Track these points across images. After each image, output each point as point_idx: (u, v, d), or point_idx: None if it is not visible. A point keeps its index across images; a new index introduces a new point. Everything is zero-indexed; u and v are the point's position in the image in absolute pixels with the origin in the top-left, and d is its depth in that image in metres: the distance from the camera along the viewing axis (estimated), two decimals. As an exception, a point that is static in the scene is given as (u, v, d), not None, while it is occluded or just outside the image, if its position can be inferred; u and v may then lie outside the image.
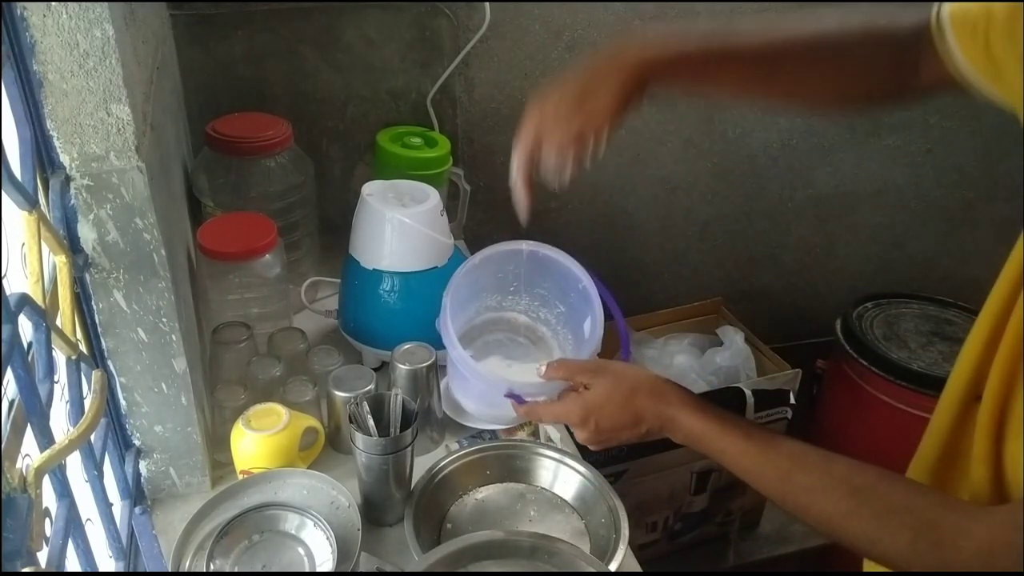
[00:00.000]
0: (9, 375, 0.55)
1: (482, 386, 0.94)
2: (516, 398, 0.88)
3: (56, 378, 0.65)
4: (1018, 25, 0.63)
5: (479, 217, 1.62)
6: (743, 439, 0.71)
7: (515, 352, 1.04)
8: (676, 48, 0.76)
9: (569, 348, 1.00)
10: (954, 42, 0.69)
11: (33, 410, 0.58)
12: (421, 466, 0.96)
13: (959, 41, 0.69)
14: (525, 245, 0.98)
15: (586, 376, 0.82)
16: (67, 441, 0.59)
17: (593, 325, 0.94)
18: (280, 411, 0.94)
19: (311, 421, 0.97)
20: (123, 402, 0.86)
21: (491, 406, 1.00)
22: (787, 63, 0.76)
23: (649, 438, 0.79)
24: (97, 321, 0.80)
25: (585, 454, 1.04)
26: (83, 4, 0.66)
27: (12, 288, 0.59)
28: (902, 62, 0.74)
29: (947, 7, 0.70)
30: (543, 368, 0.86)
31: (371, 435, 0.89)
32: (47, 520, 0.60)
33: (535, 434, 1.08)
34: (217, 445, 0.97)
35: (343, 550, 0.84)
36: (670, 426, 0.76)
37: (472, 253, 0.98)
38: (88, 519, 0.75)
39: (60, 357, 0.69)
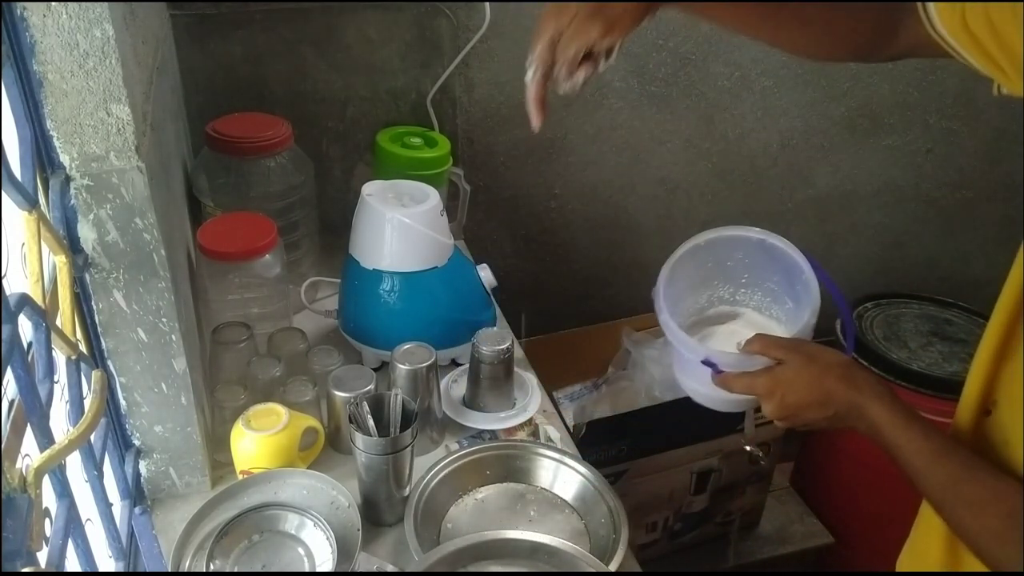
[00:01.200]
0: (9, 375, 0.55)
1: (689, 359, 0.91)
2: (712, 366, 0.87)
3: (56, 378, 0.65)
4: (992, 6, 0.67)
5: (479, 217, 1.62)
6: (922, 438, 0.71)
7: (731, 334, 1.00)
8: None
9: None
10: (934, 10, 0.73)
11: (33, 410, 0.58)
12: (421, 466, 0.96)
13: (938, 10, 0.73)
14: (755, 233, 0.95)
15: (781, 351, 0.82)
16: (67, 441, 0.59)
17: (810, 312, 0.90)
18: (280, 411, 0.94)
19: (311, 421, 0.97)
20: (123, 402, 0.86)
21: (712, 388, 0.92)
22: (789, 6, 0.81)
23: (836, 424, 0.78)
24: (97, 321, 0.80)
25: (585, 454, 1.04)
26: (83, 4, 0.66)
27: (12, 288, 0.59)
28: (884, 21, 0.79)
29: None
30: (743, 342, 0.87)
31: (371, 435, 0.89)
32: (47, 520, 0.60)
33: (535, 434, 1.08)
34: (217, 445, 0.97)
35: (343, 550, 0.84)
36: (856, 413, 0.76)
37: (472, 253, 0.97)
38: (88, 519, 0.75)
39: (60, 357, 0.69)
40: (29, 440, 0.59)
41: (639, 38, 1.57)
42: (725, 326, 1.01)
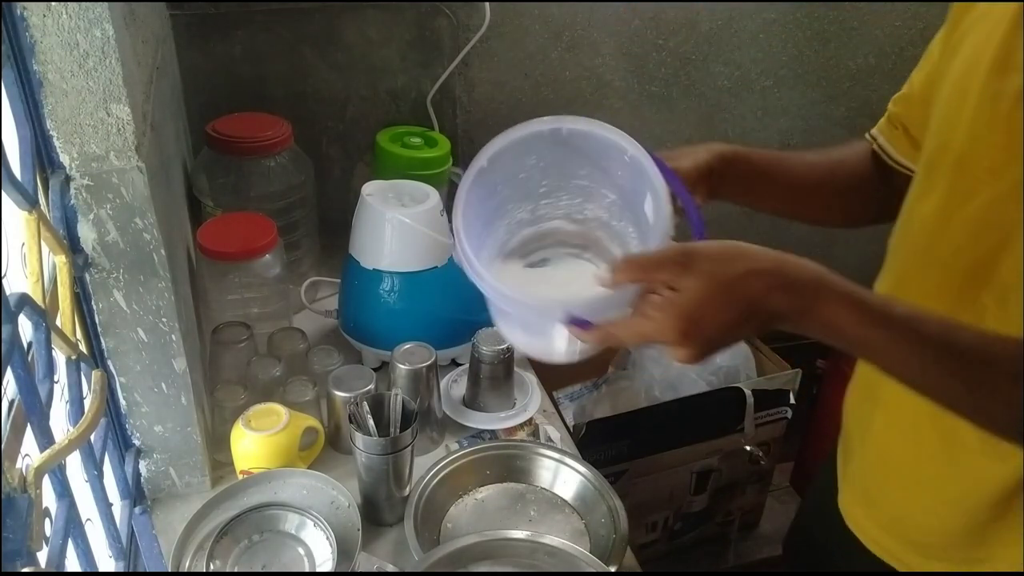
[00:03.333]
0: (9, 375, 0.55)
1: (532, 318, 0.72)
2: (580, 323, 0.63)
3: (56, 378, 0.65)
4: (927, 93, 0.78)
5: (479, 217, 1.62)
6: (903, 332, 0.61)
7: (569, 269, 0.77)
8: (743, 148, 0.84)
9: (634, 243, 0.74)
10: (891, 149, 0.85)
11: (33, 410, 0.58)
12: (421, 466, 0.96)
13: (893, 145, 0.85)
14: (544, 124, 0.74)
15: (668, 271, 0.61)
16: (67, 441, 0.59)
17: (656, 202, 0.68)
18: (280, 411, 0.94)
19: (311, 421, 0.97)
20: (123, 402, 0.86)
21: (547, 337, 0.72)
22: (822, 189, 0.89)
23: (769, 327, 0.63)
24: (97, 321, 0.80)
25: (585, 454, 1.04)
26: (83, 4, 0.66)
27: (12, 288, 0.59)
28: (878, 190, 0.87)
29: (876, 129, 0.88)
30: (606, 274, 0.63)
31: (371, 435, 0.89)
32: (47, 520, 0.60)
33: (535, 434, 1.08)
34: (217, 445, 0.97)
35: (343, 550, 0.84)
36: (804, 321, 0.61)
37: None
38: (88, 519, 0.75)
39: (60, 357, 0.68)
40: (29, 440, 0.59)
41: (639, 38, 1.57)
42: (555, 263, 0.77)
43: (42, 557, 0.55)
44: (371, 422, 0.90)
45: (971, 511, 0.75)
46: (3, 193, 0.57)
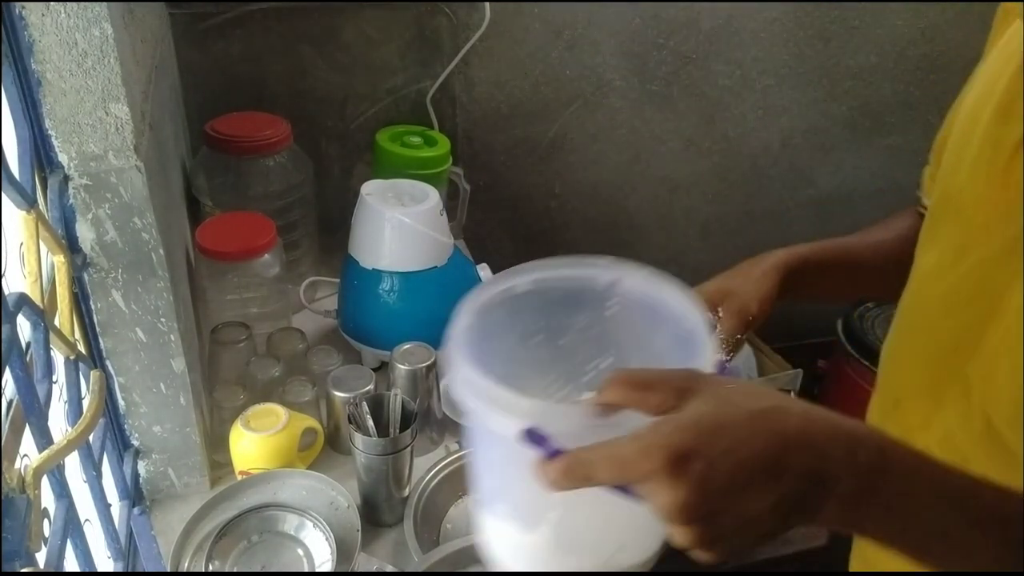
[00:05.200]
0: (7, 375, 0.55)
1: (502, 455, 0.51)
2: (538, 441, 0.44)
3: (54, 378, 0.64)
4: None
5: (479, 217, 1.62)
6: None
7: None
8: (808, 251, 0.80)
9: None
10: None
11: (31, 410, 0.57)
12: (421, 466, 0.96)
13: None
14: (604, 272, 0.56)
15: (670, 392, 0.44)
16: (65, 441, 0.59)
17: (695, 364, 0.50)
18: (279, 411, 0.93)
19: (310, 421, 0.97)
20: (122, 402, 0.86)
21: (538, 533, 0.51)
22: (889, 267, 0.79)
23: (799, 516, 0.42)
24: (95, 321, 0.80)
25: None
26: (82, 3, 0.66)
27: (10, 288, 0.59)
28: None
29: (921, 191, 0.78)
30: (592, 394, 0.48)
31: (370, 436, 0.89)
32: (46, 520, 0.59)
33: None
34: (216, 446, 0.97)
35: (342, 551, 0.83)
36: (865, 500, 0.43)
37: (472, 253, 0.90)
38: (87, 520, 0.75)
39: (58, 357, 0.68)
40: (28, 440, 0.59)
41: (639, 37, 1.56)
42: None
43: (41, 558, 0.55)
44: (370, 422, 0.90)
45: None
46: (2, 193, 0.57)
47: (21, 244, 0.63)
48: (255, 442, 0.91)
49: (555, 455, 0.43)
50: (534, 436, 0.44)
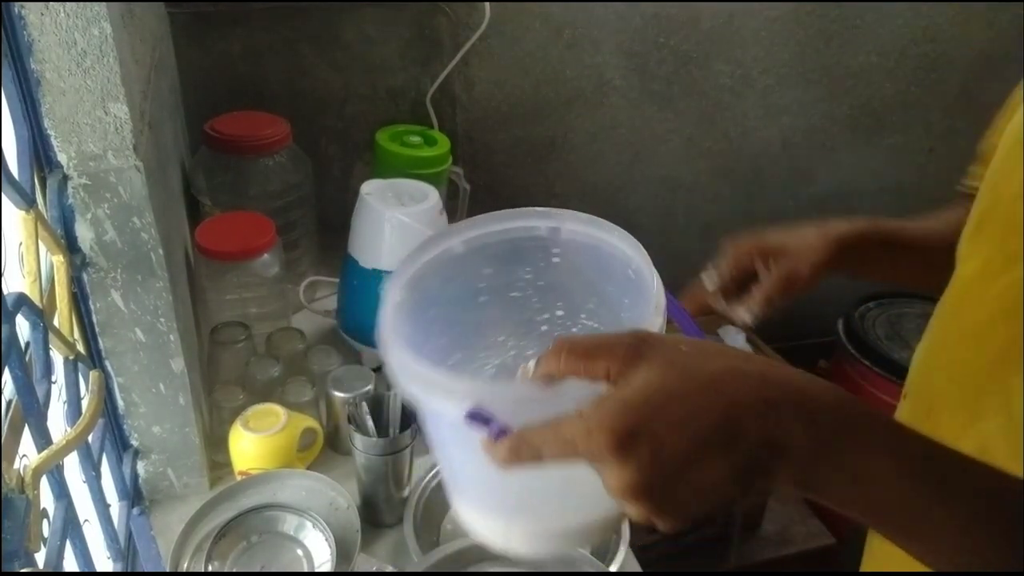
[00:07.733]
0: (6, 375, 0.55)
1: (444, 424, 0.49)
2: (482, 421, 0.42)
3: (54, 378, 0.64)
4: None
5: (479, 216, 1.61)
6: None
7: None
8: (870, 227, 0.79)
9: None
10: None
11: (30, 410, 0.57)
12: (420, 467, 0.96)
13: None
14: (543, 220, 0.56)
15: (613, 357, 0.41)
16: (65, 442, 0.59)
17: (644, 309, 0.49)
18: (279, 412, 0.93)
19: (310, 422, 0.96)
20: (121, 402, 0.85)
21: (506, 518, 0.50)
22: (939, 255, 0.74)
23: (756, 482, 0.41)
24: (95, 321, 0.80)
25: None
26: (81, 3, 0.66)
27: (9, 288, 0.59)
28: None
29: (969, 178, 0.77)
30: (531, 363, 0.44)
31: (370, 436, 0.89)
32: (45, 521, 0.59)
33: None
34: (215, 446, 0.97)
35: (342, 551, 0.83)
36: (823, 464, 0.41)
37: None
38: (86, 520, 0.75)
39: (58, 357, 0.68)
40: (27, 440, 0.59)
41: (640, 36, 1.56)
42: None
43: (40, 558, 0.55)
44: (370, 423, 0.90)
45: None
46: (1, 193, 0.57)
47: (20, 244, 0.62)
48: (254, 442, 0.91)
49: (502, 434, 0.42)
50: (478, 416, 0.42)
